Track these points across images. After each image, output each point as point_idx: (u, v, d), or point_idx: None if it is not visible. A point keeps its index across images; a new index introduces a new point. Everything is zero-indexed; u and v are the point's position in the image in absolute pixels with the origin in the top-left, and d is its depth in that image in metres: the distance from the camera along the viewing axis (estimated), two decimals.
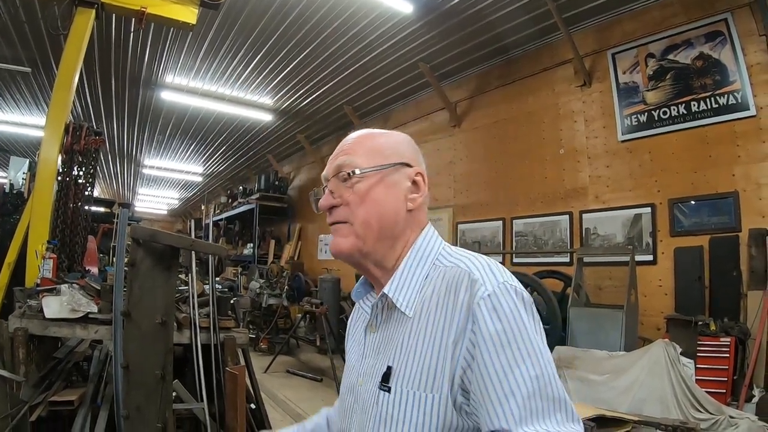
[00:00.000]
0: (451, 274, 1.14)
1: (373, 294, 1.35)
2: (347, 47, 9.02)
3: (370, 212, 1.21)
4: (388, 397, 1.10)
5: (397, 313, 1.18)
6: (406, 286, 1.19)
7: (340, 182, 1.24)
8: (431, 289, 1.15)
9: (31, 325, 3.72)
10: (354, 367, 1.30)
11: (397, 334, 1.17)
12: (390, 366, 1.13)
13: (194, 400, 3.94)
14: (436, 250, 1.25)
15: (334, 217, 1.25)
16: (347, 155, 1.26)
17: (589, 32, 7.73)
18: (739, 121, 6.00)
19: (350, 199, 1.22)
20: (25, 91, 11.70)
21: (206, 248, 3.86)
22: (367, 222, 1.20)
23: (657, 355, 4.82)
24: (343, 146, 1.30)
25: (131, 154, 17.77)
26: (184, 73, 10.42)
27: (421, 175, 1.29)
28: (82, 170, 5.96)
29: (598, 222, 7.39)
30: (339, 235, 1.24)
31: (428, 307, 1.13)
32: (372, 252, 1.23)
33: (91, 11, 6.00)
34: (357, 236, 1.21)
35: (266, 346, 10.87)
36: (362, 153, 1.25)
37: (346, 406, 1.28)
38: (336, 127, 13.57)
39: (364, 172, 1.22)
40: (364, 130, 1.36)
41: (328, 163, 1.29)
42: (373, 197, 1.21)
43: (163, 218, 33.36)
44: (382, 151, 1.26)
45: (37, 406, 3.53)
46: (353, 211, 1.21)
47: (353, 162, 1.23)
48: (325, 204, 1.26)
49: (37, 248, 4.95)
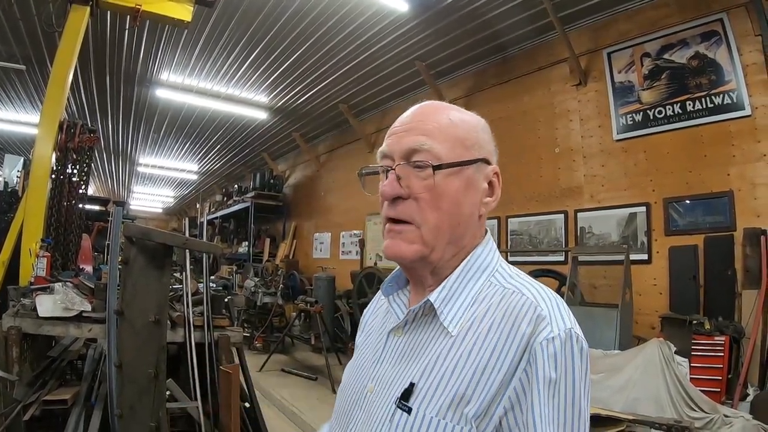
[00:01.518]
0: (514, 300, 1.00)
1: (405, 293, 1.19)
2: (343, 45, 9.01)
3: (444, 216, 1.04)
4: (406, 419, 0.96)
5: (437, 325, 1.04)
6: (454, 299, 1.05)
7: (411, 169, 1.05)
8: (485, 309, 1.01)
9: (24, 323, 3.70)
10: (364, 370, 1.16)
11: (429, 348, 1.02)
12: (414, 383, 0.99)
13: (188, 399, 3.92)
14: (493, 266, 1.10)
15: (398, 212, 1.05)
16: (424, 136, 1.05)
17: (585, 31, 7.74)
18: (734, 121, 6.01)
19: (423, 195, 1.03)
20: (20, 89, 11.65)
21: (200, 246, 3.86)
22: (439, 227, 1.04)
23: (651, 354, 4.82)
24: (414, 121, 1.09)
25: (126, 152, 17.72)
26: (179, 70, 10.39)
27: (497, 175, 1.15)
28: (77, 168, 5.96)
29: (593, 221, 7.40)
30: (402, 239, 1.05)
31: (479, 329, 0.99)
32: (435, 261, 1.07)
33: (86, 8, 5.98)
34: (424, 243, 1.04)
35: (261, 344, 10.86)
36: (443, 138, 1.05)
37: (347, 410, 1.14)
38: (331, 125, 13.53)
39: (448, 166, 1.04)
40: (439, 104, 1.14)
41: (393, 137, 1.10)
42: (451, 198, 1.04)
43: (159, 217, 33.28)
44: (464, 141, 1.09)
45: (30, 405, 3.51)
46: (424, 211, 1.03)
47: (433, 149, 1.04)
48: (390, 192, 1.05)
49: (30, 246, 4.94)
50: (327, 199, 14.91)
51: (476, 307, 1.02)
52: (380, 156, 1.12)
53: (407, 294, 1.18)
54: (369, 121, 12.67)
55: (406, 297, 1.18)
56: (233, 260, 18.11)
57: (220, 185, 22.88)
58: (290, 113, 12.97)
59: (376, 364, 1.12)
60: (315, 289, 12.06)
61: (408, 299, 1.17)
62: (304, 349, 11.05)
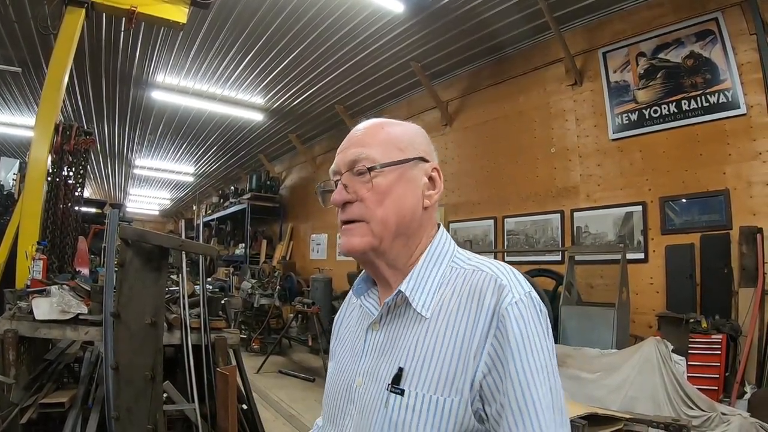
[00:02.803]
0: (476, 277, 1.11)
1: (374, 291, 1.29)
2: (338, 46, 9.00)
3: (389, 210, 1.15)
4: (400, 401, 1.05)
5: (411, 312, 1.14)
6: (422, 286, 1.15)
7: (354, 176, 1.17)
8: (451, 290, 1.12)
9: (21, 326, 3.69)
10: (347, 368, 1.23)
11: (408, 335, 1.12)
12: (401, 367, 1.08)
13: (185, 401, 3.92)
14: (451, 252, 1.22)
15: (348, 214, 1.17)
16: (362, 147, 1.18)
17: (580, 31, 7.75)
18: (729, 120, 6.03)
19: (366, 195, 1.15)
20: (15, 91, 11.63)
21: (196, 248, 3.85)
22: (384, 220, 1.15)
23: (648, 352, 4.83)
24: (354, 137, 1.22)
25: (122, 155, 17.69)
26: (175, 72, 10.37)
27: (437, 170, 1.24)
28: (73, 171, 5.94)
29: (589, 220, 7.42)
30: (353, 235, 1.17)
31: (448, 308, 1.10)
32: (387, 251, 1.18)
33: (81, 10, 5.98)
34: (373, 235, 1.15)
35: (258, 346, 10.87)
36: (377, 145, 1.18)
37: (337, 409, 1.21)
38: (327, 126, 13.47)
39: (383, 167, 1.16)
40: (375, 120, 1.27)
41: (339, 155, 1.21)
42: (392, 194, 1.16)
43: (155, 219, 33.24)
44: (399, 144, 1.20)
45: (27, 409, 3.50)
46: (370, 209, 1.15)
47: (369, 155, 1.16)
48: (339, 199, 1.17)
49: (27, 249, 4.92)
50: None
51: (443, 290, 1.14)
52: (331, 173, 1.24)
53: (376, 293, 1.29)
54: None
55: (376, 295, 1.28)
56: (230, 262, 18.11)
57: (216, 187, 22.86)
58: (286, 114, 12.96)
59: (359, 359, 1.21)
60: (312, 290, 12.08)
61: (378, 297, 1.27)
62: (302, 351, 11.06)
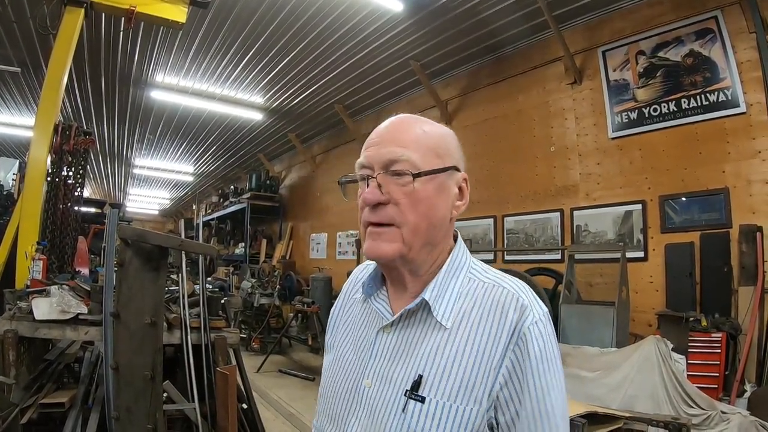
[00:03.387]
0: (497, 292, 1.12)
1: (382, 292, 1.26)
2: (338, 46, 9.01)
3: (422, 218, 1.12)
4: (420, 407, 1.05)
5: (431, 320, 1.13)
6: (443, 296, 1.14)
7: (390, 177, 1.12)
8: (471, 302, 1.13)
9: (21, 327, 3.69)
10: (352, 367, 1.21)
11: (427, 342, 1.11)
12: (421, 375, 1.08)
13: (185, 401, 3.92)
14: (468, 263, 1.22)
15: (380, 216, 1.13)
16: (400, 147, 1.13)
17: (580, 30, 7.75)
18: (729, 118, 6.03)
19: (402, 200, 1.11)
20: (15, 91, 11.63)
21: (196, 248, 3.84)
22: (417, 228, 1.11)
23: (648, 351, 4.84)
24: (388, 132, 1.18)
25: (122, 154, 17.70)
26: (175, 72, 10.38)
27: (466, 181, 1.22)
28: (72, 171, 5.94)
29: (589, 219, 7.41)
30: (383, 239, 1.13)
31: (470, 320, 1.10)
32: (414, 259, 1.15)
33: (80, 10, 5.98)
34: (404, 242, 1.11)
35: (258, 345, 10.86)
36: (417, 149, 1.13)
37: (339, 407, 1.20)
38: (327, 125, 13.52)
39: (424, 174, 1.12)
40: (410, 117, 1.22)
41: (372, 149, 1.17)
42: (427, 202, 1.12)
43: (155, 218, 33.27)
44: (437, 150, 1.17)
45: (27, 409, 3.51)
46: (404, 214, 1.11)
47: (410, 158, 1.11)
48: (372, 199, 1.12)
49: (26, 250, 4.92)
50: (323, 199, 14.90)
51: (463, 301, 1.14)
52: (359, 166, 1.19)
53: (385, 293, 1.26)
54: (364, 121, 12.67)
55: (385, 296, 1.25)
56: (230, 261, 18.10)
57: (216, 186, 22.86)
58: (286, 114, 12.97)
59: (367, 359, 1.19)
60: (312, 289, 12.08)
61: (387, 298, 1.25)
62: (302, 350, 11.05)
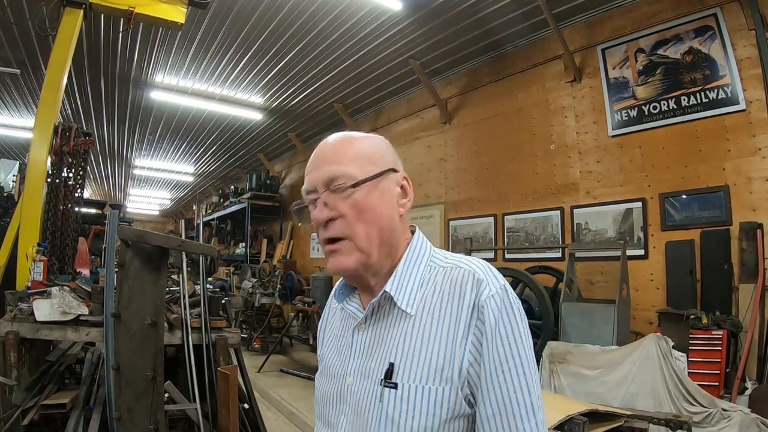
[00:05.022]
0: (455, 273, 1.17)
1: (354, 296, 1.33)
2: (337, 45, 9.00)
3: (370, 224, 1.18)
4: (394, 394, 1.10)
5: (396, 311, 1.19)
6: (404, 286, 1.20)
7: (333, 194, 1.19)
8: (432, 287, 1.18)
9: (22, 328, 3.69)
10: (336, 369, 1.28)
11: (394, 332, 1.17)
12: (392, 362, 1.13)
13: (187, 401, 3.92)
14: (428, 253, 1.27)
15: (332, 231, 1.19)
16: (336, 165, 1.20)
17: (579, 28, 7.75)
18: (728, 116, 6.02)
19: (348, 211, 1.17)
20: (14, 93, 11.63)
21: (196, 248, 3.84)
22: (368, 235, 1.18)
23: (649, 349, 4.84)
24: (325, 154, 1.25)
25: (122, 155, 17.69)
26: (174, 72, 10.38)
27: (406, 179, 1.29)
28: (72, 172, 5.94)
29: (589, 217, 7.41)
30: (341, 254, 1.19)
31: (432, 304, 1.16)
32: (374, 264, 1.21)
33: (79, 11, 5.98)
34: (361, 251, 1.18)
35: (259, 345, 10.88)
36: (350, 161, 1.20)
37: (330, 409, 1.26)
38: (327, 125, 13.54)
39: (363, 182, 1.18)
40: (340, 135, 1.30)
41: (313, 173, 1.24)
42: (371, 208, 1.18)
43: (155, 219, 33.24)
44: (371, 158, 1.23)
45: (29, 410, 3.51)
46: (352, 225, 1.17)
47: (347, 172, 1.18)
48: (322, 217, 1.19)
49: (27, 251, 4.92)
50: None
51: (425, 288, 1.20)
52: (305, 192, 1.27)
53: (357, 296, 1.33)
54: (364, 120, 12.69)
55: (357, 298, 1.32)
56: (230, 261, 18.13)
57: (216, 186, 22.86)
58: (285, 113, 12.98)
59: (348, 360, 1.25)
60: (312, 289, 12.09)
61: (359, 300, 1.32)
62: (303, 350, 11.06)
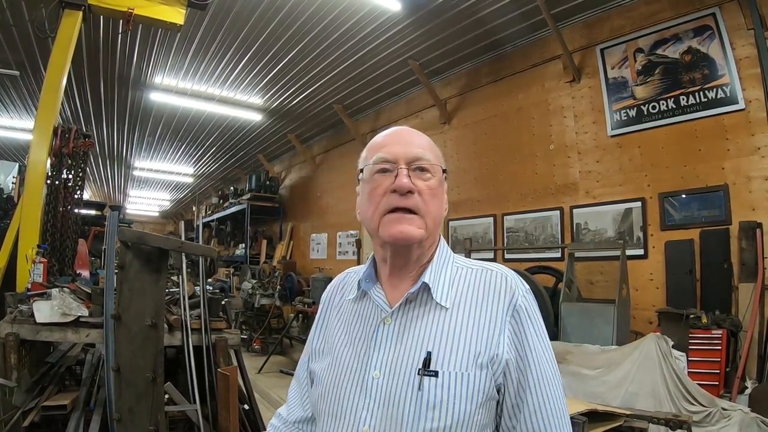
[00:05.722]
0: (487, 275, 1.29)
1: (378, 287, 1.36)
2: (336, 46, 9.00)
3: (435, 209, 1.29)
4: (435, 381, 1.15)
5: (431, 303, 1.26)
6: (439, 280, 1.29)
7: (415, 172, 1.28)
8: (466, 285, 1.29)
9: (22, 330, 3.70)
10: (352, 363, 1.28)
11: (429, 323, 1.24)
12: (429, 351, 1.19)
13: (187, 402, 3.92)
14: (452, 256, 1.38)
15: (410, 203, 1.26)
16: (422, 149, 1.31)
17: (578, 28, 7.75)
18: (728, 115, 6.02)
19: (426, 192, 1.27)
20: (14, 95, 11.63)
21: (196, 250, 3.85)
22: (434, 217, 1.29)
23: (649, 348, 4.83)
24: (407, 136, 1.35)
25: (121, 156, 17.69)
26: (173, 73, 10.38)
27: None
28: (72, 173, 5.94)
29: (588, 217, 7.42)
30: (411, 224, 1.25)
31: (467, 300, 1.25)
32: (426, 246, 1.32)
33: (79, 13, 5.98)
34: (426, 228, 1.27)
35: (259, 346, 10.87)
36: (429, 150, 1.32)
37: (343, 404, 1.24)
38: (327, 125, 13.55)
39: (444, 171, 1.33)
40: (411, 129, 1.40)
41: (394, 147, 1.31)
42: (438, 196, 1.31)
43: (155, 220, 33.25)
44: (439, 155, 1.35)
45: (30, 411, 3.52)
46: (427, 204, 1.27)
47: (429, 158, 1.30)
48: (407, 185, 1.25)
49: (27, 253, 4.93)
50: (323, 199, 14.91)
51: (457, 285, 1.29)
52: (380, 160, 1.30)
53: (380, 288, 1.36)
54: (363, 120, 12.69)
55: (381, 290, 1.35)
56: (230, 262, 18.13)
57: (215, 188, 22.86)
58: (285, 114, 12.97)
59: (370, 353, 1.26)
60: (312, 289, 12.09)
61: (383, 291, 1.35)
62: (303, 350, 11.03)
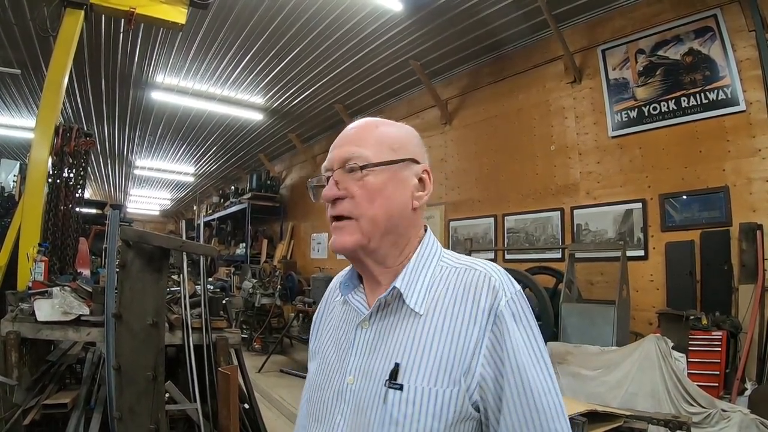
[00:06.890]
0: (469, 276, 1.16)
1: (360, 289, 1.29)
2: (337, 45, 9.00)
3: (378, 209, 1.17)
4: (399, 395, 1.07)
5: (404, 309, 1.16)
6: (415, 283, 1.18)
7: (346, 174, 1.19)
8: (444, 287, 1.16)
9: (23, 328, 3.70)
10: (333, 366, 1.24)
11: (401, 331, 1.14)
12: (398, 363, 1.10)
13: (187, 401, 3.93)
14: (439, 253, 1.26)
15: (338, 210, 1.19)
16: (356, 146, 1.21)
17: (579, 29, 7.75)
18: (728, 116, 6.02)
19: (357, 193, 1.17)
20: (15, 93, 11.64)
21: (197, 249, 3.85)
22: (374, 219, 1.17)
23: (649, 349, 4.84)
24: (348, 135, 1.26)
25: (122, 155, 17.69)
26: (175, 73, 10.38)
27: (427, 172, 1.27)
28: (73, 172, 5.94)
29: (589, 218, 7.42)
30: (344, 233, 1.19)
31: (443, 305, 1.14)
32: (376, 249, 1.20)
33: (80, 12, 5.97)
34: (363, 233, 1.17)
35: (260, 345, 10.88)
36: (371, 145, 1.21)
37: (325, 408, 1.21)
38: (327, 125, 13.57)
39: (375, 166, 1.18)
40: (369, 119, 1.30)
41: (333, 152, 1.24)
42: (382, 193, 1.18)
43: (156, 219, 33.21)
44: (392, 145, 1.23)
45: (30, 410, 3.52)
46: (360, 206, 1.17)
47: (362, 154, 1.19)
48: (330, 194, 1.20)
49: (28, 251, 4.93)
50: None
51: (436, 288, 1.18)
52: (323, 170, 1.26)
53: (362, 291, 1.29)
54: None
55: (362, 294, 1.29)
56: (231, 262, 18.12)
57: (216, 187, 22.86)
58: (286, 114, 12.98)
59: (347, 357, 1.21)
60: (313, 289, 12.08)
61: (364, 295, 1.28)
62: (303, 350, 11.04)
